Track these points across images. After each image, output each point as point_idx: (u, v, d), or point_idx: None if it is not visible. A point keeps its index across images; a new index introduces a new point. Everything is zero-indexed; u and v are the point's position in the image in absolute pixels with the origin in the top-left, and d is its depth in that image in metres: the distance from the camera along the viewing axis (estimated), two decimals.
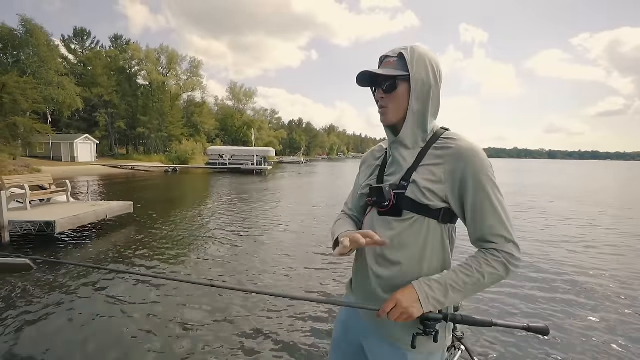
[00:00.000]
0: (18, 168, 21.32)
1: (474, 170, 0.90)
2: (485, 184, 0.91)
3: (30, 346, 2.89)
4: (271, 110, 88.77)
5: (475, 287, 0.89)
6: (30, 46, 29.48)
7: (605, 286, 4.42)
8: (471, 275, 0.89)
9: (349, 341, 1.14)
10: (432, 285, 0.88)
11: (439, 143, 0.97)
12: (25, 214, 6.35)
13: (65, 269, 4.68)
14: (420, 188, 0.93)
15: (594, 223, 8.94)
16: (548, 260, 5.46)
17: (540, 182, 24.67)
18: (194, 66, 52.93)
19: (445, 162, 0.93)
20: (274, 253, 5.82)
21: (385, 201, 0.96)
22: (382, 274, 0.99)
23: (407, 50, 0.95)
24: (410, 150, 0.99)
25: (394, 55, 0.97)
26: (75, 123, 42.60)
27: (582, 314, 3.63)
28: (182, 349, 2.87)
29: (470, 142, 0.94)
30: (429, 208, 0.93)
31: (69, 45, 45.90)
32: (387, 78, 0.96)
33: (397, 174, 0.99)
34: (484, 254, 0.91)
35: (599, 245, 6.58)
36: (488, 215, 0.90)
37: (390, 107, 0.98)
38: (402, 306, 0.87)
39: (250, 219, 8.84)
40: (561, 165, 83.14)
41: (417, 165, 0.96)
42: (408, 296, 0.87)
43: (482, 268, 0.89)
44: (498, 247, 0.90)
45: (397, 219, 0.96)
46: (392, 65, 0.96)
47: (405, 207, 0.95)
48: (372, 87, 1.03)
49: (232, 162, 34.51)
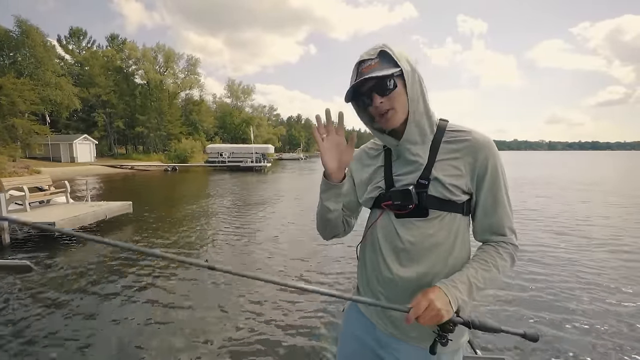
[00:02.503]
0: (18, 169, 21.32)
1: (492, 162, 0.91)
2: (500, 176, 0.92)
3: (29, 346, 2.88)
4: (269, 107, 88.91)
5: (493, 282, 0.91)
6: (26, 47, 29.41)
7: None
8: (489, 270, 0.89)
9: (363, 355, 1.08)
10: (458, 286, 0.85)
11: (449, 136, 0.95)
12: (25, 215, 6.34)
13: (64, 271, 4.67)
14: (444, 184, 0.90)
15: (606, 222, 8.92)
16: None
17: (533, 176, 24.62)
18: (191, 64, 52.87)
19: (464, 155, 0.92)
20: (274, 252, 5.81)
21: (411, 204, 0.90)
22: (409, 276, 0.94)
23: (386, 47, 0.89)
24: (421, 145, 0.95)
25: (373, 57, 0.90)
26: (73, 123, 42.55)
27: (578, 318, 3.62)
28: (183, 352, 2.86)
29: (482, 133, 0.94)
30: (455, 203, 0.92)
31: (65, 45, 45.77)
32: (385, 78, 0.87)
33: (413, 173, 0.94)
34: (494, 248, 0.93)
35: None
36: (500, 207, 0.93)
37: (397, 107, 0.90)
38: (436, 307, 0.80)
39: (251, 217, 8.83)
40: (560, 156, 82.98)
41: (434, 161, 0.93)
42: (440, 298, 0.82)
43: (497, 262, 0.90)
44: (507, 240, 0.93)
45: (422, 219, 0.92)
46: (377, 67, 0.88)
47: (431, 205, 0.91)
48: (359, 99, 0.95)
49: (231, 159, 34.52)
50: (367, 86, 0.90)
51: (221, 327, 3.23)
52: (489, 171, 0.91)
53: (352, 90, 0.92)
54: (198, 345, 2.92)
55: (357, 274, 1.13)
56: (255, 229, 7.46)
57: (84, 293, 3.98)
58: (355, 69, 0.92)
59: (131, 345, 2.92)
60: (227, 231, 7.22)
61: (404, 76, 0.88)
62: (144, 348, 2.88)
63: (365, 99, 0.92)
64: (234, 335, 3.08)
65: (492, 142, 0.93)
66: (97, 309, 3.58)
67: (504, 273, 0.92)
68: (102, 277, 4.45)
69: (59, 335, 3.07)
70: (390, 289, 0.98)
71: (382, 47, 0.90)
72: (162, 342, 2.97)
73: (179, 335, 3.08)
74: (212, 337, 3.04)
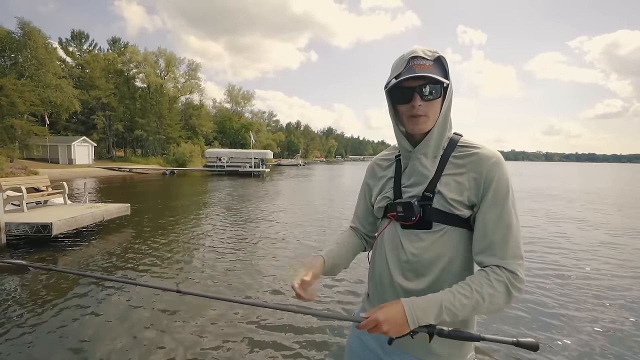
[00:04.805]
0: (15, 170, 21.23)
1: (497, 177, 0.87)
2: (504, 194, 0.87)
3: (26, 346, 2.87)
4: (269, 113, 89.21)
5: (474, 310, 0.83)
6: (28, 49, 29.44)
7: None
8: (470, 297, 0.82)
9: (365, 356, 1.10)
10: (425, 309, 0.81)
11: (458, 151, 0.95)
12: (22, 215, 6.32)
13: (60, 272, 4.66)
14: (447, 199, 0.91)
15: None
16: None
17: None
18: (191, 69, 53.09)
19: (468, 170, 0.91)
20: (270, 258, 5.79)
21: (414, 215, 0.92)
22: (412, 288, 0.95)
23: (443, 56, 0.90)
24: (432, 159, 0.96)
25: (429, 58, 0.89)
26: (72, 125, 42.46)
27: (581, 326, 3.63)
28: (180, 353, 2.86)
29: (491, 149, 0.91)
30: (459, 218, 0.91)
31: (66, 47, 45.89)
32: (437, 83, 0.87)
33: (420, 185, 0.96)
34: (485, 273, 0.85)
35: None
36: (502, 227, 0.86)
37: (430, 116, 0.91)
38: (382, 329, 0.80)
39: (248, 221, 8.82)
40: (556, 167, 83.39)
41: (440, 174, 0.94)
42: (393, 319, 0.80)
43: (483, 289, 0.82)
44: (502, 264, 0.84)
45: (426, 231, 0.93)
46: (430, 69, 0.87)
47: (435, 219, 0.92)
48: (396, 91, 0.92)
49: (230, 164, 34.51)
50: (415, 83, 0.88)
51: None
52: (493, 187, 0.87)
53: (397, 81, 0.89)
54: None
55: (367, 280, 1.16)
56: (249, 238, 7.45)
57: (80, 294, 3.97)
58: (406, 62, 0.88)
59: (127, 345, 2.92)
60: (224, 234, 7.21)
61: (447, 90, 0.91)
62: (144, 347, 2.88)
63: (404, 94, 0.90)
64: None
65: (500, 158, 0.90)
66: (92, 309, 3.57)
67: (493, 303, 0.82)
68: (97, 279, 4.44)
69: (53, 336, 3.06)
70: (395, 299, 1.01)
71: (439, 53, 0.90)
72: (164, 343, 2.97)
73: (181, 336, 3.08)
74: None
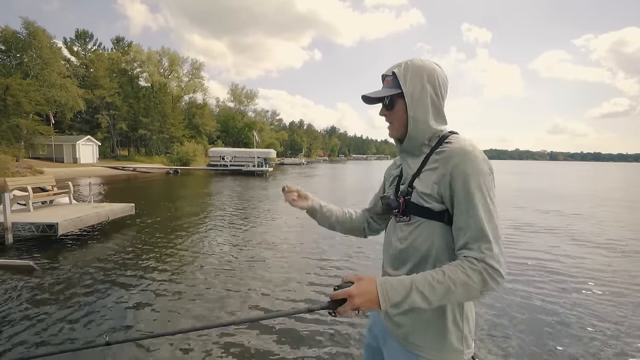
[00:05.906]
0: (21, 169, 21.42)
1: (463, 171, 0.89)
2: (473, 186, 0.88)
3: (27, 346, 2.91)
4: (272, 112, 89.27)
5: (445, 296, 0.84)
6: (33, 48, 29.60)
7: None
8: (442, 282, 0.83)
9: (376, 349, 1.19)
10: (396, 288, 0.84)
11: (439, 148, 0.99)
12: (28, 215, 6.39)
13: (66, 272, 4.71)
14: (419, 193, 0.98)
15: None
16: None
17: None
18: (195, 68, 53.25)
19: (439, 166, 0.95)
20: (275, 264, 5.79)
21: (395, 208, 1.05)
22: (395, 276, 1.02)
23: (400, 67, 1.01)
24: (416, 157, 1.04)
25: (389, 74, 1.04)
26: (77, 125, 42.73)
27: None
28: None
29: (463, 144, 0.93)
30: (432, 211, 0.96)
31: (71, 47, 46.11)
32: (381, 99, 1.05)
33: (407, 182, 1.06)
34: (461, 261, 0.86)
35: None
36: (473, 218, 0.87)
37: (394, 122, 1.05)
38: (354, 302, 0.83)
39: (251, 220, 8.86)
40: (559, 166, 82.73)
41: (420, 171, 1.01)
42: (365, 293, 0.83)
43: (456, 275, 0.83)
44: (478, 256, 0.84)
45: (406, 223, 1.02)
46: (390, 84, 1.03)
47: (412, 212, 1.00)
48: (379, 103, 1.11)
49: (233, 163, 34.57)
50: (381, 96, 1.05)
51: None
52: (460, 179, 0.89)
53: (366, 98, 1.07)
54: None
55: None
56: (251, 239, 7.48)
57: (85, 294, 4.02)
58: (382, 79, 1.08)
59: (131, 346, 2.95)
60: (229, 232, 7.25)
61: (405, 97, 0.99)
62: (145, 350, 2.91)
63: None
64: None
65: (469, 151, 0.91)
66: (97, 311, 3.61)
67: (464, 291, 0.83)
68: (103, 279, 4.48)
69: (59, 336, 3.11)
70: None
71: (397, 66, 1.02)
72: (168, 345, 3.00)
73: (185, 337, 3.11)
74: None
